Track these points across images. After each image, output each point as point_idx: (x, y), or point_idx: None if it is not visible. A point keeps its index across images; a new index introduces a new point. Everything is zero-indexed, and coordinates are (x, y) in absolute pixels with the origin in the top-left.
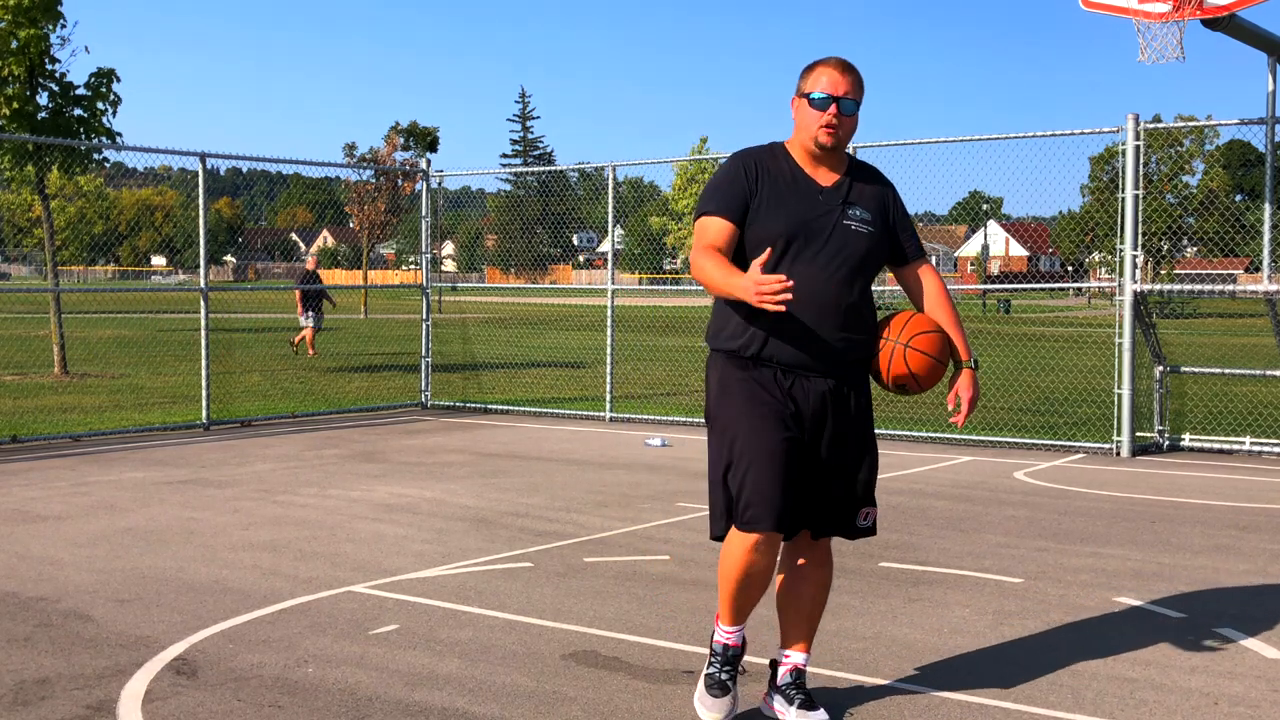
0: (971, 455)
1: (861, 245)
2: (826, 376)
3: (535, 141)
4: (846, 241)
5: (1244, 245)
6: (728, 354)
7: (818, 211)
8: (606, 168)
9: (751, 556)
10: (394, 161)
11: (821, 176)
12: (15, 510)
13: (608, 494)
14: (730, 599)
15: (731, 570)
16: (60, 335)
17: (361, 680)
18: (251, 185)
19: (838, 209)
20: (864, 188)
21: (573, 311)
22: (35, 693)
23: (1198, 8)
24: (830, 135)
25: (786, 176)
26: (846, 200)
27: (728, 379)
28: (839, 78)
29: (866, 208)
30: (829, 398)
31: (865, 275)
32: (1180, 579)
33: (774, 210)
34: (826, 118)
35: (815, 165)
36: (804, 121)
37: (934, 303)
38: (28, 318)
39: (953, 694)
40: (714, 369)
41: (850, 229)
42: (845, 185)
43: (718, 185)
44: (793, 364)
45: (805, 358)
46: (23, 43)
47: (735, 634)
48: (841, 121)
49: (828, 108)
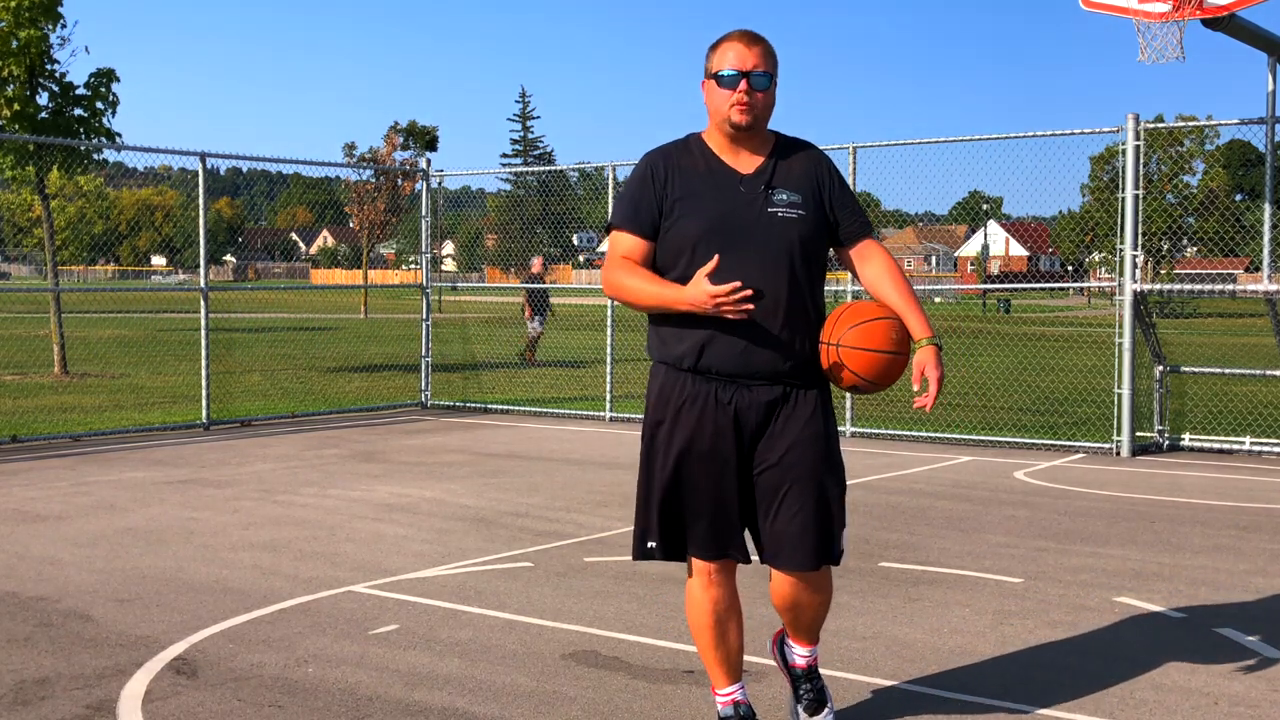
0: (971, 455)
1: (792, 233)
2: (772, 384)
3: (535, 141)
4: (775, 232)
5: (1244, 245)
6: (669, 366)
7: (739, 203)
8: (606, 168)
9: (711, 592)
10: (394, 161)
11: (742, 163)
12: (15, 510)
13: (608, 494)
14: (711, 649)
15: (701, 616)
16: (60, 335)
17: (361, 680)
18: (251, 185)
19: (760, 196)
20: (790, 167)
21: (573, 311)
22: (35, 693)
23: (1198, 8)
24: (744, 112)
25: (700, 170)
26: (769, 185)
27: (666, 397)
28: (746, 51)
29: (794, 189)
30: (777, 407)
31: (805, 266)
32: (1180, 579)
33: (689, 210)
34: (737, 95)
35: (735, 151)
36: (715, 104)
37: (880, 281)
38: (28, 318)
39: (952, 694)
40: (654, 380)
41: (777, 216)
42: (769, 169)
43: (626, 195)
44: (733, 373)
45: (746, 366)
46: (23, 43)
47: (736, 691)
48: (754, 98)
49: (738, 84)
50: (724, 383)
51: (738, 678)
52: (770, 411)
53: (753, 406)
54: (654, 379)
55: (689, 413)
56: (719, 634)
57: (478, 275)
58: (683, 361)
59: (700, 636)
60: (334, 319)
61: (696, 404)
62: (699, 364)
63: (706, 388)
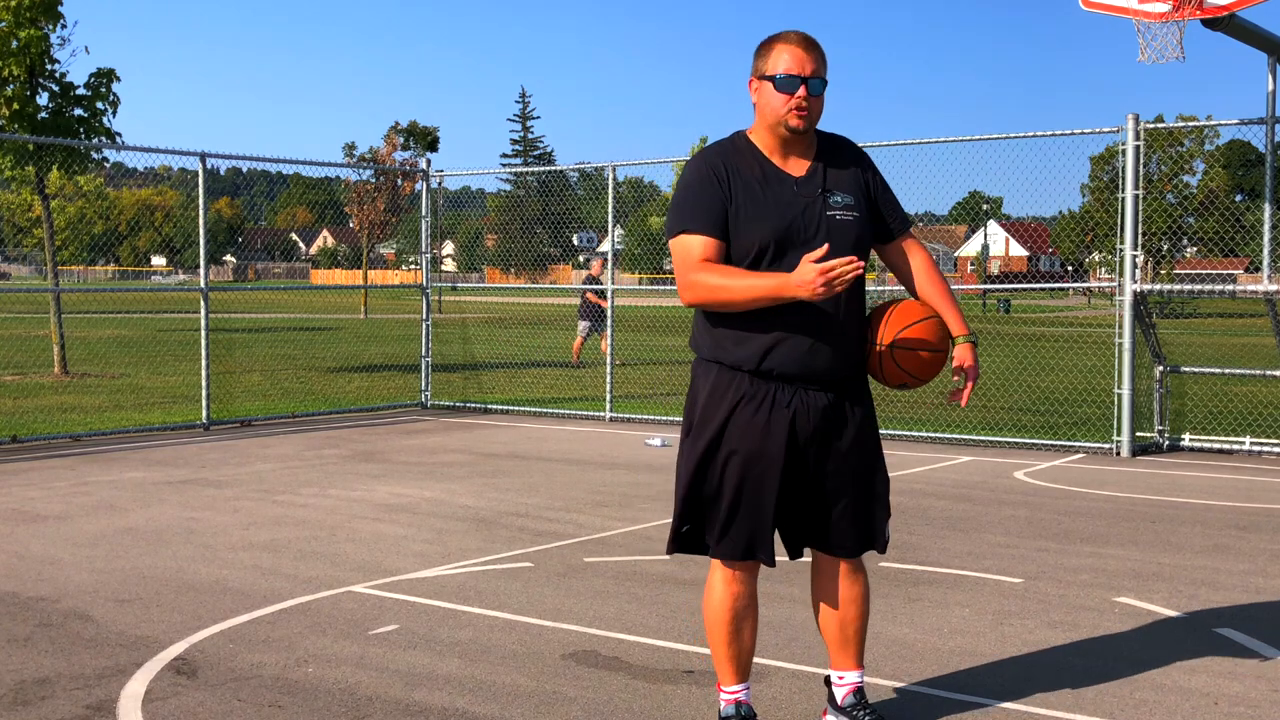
0: (971, 455)
1: (850, 234)
2: (828, 389)
3: (535, 141)
4: (834, 235)
5: (1244, 245)
6: (722, 365)
7: (798, 207)
8: (606, 168)
9: (733, 588)
10: (394, 161)
11: (792, 166)
12: (15, 510)
13: (608, 494)
14: (724, 645)
15: (718, 611)
16: (60, 335)
17: (361, 680)
18: (251, 185)
19: (817, 199)
20: (839, 169)
21: (573, 311)
22: (35, 693)
23: (1198, 8)
24: (801, 118)
25: (757, 174)
26: (824, 188)
27: (719, 395)
28: (804, 55)
29: (846, 191)
30: (831, 412)
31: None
32: (1180, 579)
33: (753, 215)
34: (795, 101)
35: (784, 154)
36: (769, 106)
37: (922, 279)
38: (28, 318)
39: (952, 694)
40: (704, 378)
41: (836, 219)
42: (819, 171)
43: (690, 197)
44: (796, 376)
45: (809, 369)
46: (23, 43)
47: (741, 691)
48: (811, 103)
49: (795, 89)
50: (784, 386)
51: (745, 678)
52: (826, 415)
53: (810, 410)
54: (702, 376)
55: (744, 413)
56: (734, 631)
57: (477, 275)
58: (744, 364)
59: (714, 631)
60: (334, 319)
61: (752, 405)
62: (761, 366)
63: (766, 389)
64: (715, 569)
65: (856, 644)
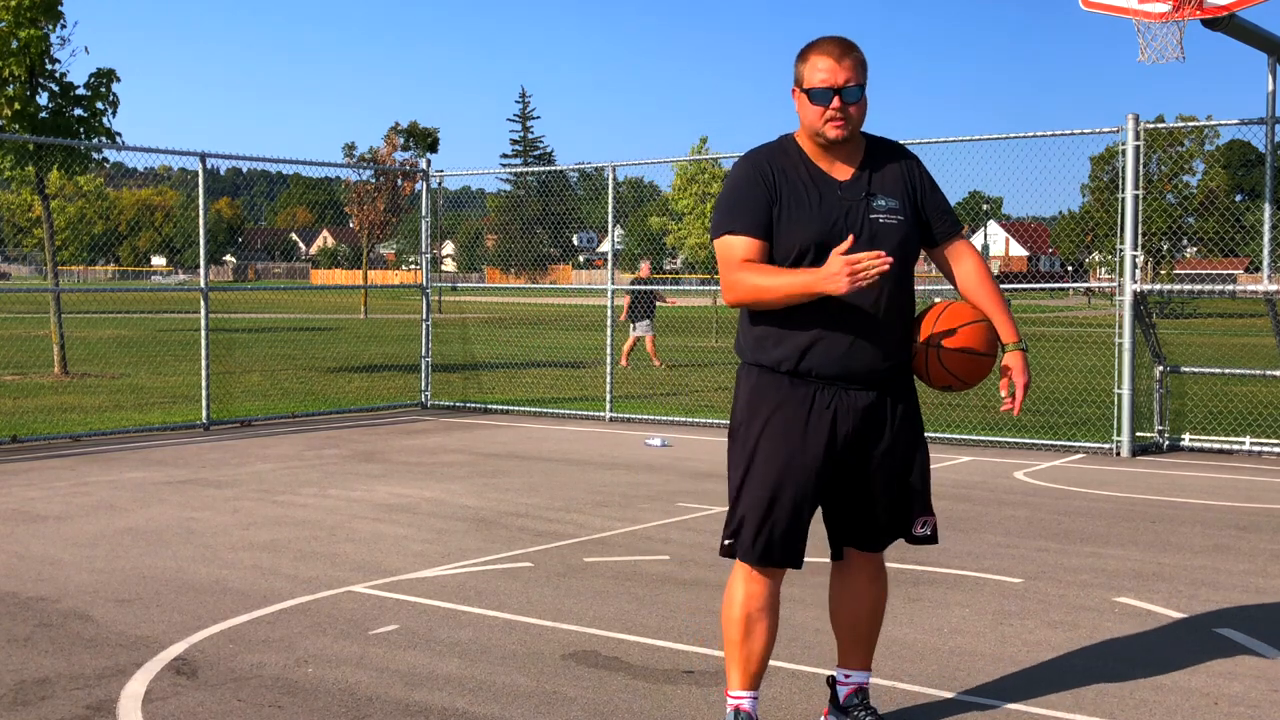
0: (971, 455)
1: (894, 238)
2: (869, 389)
3: (535, 141)
4: (877, 238)
5: (1244, 245)
6: (763, 368)
7: (841, 210)
8: (606, 168)
9: (752, 587)
10: (394, 161)
11: (838, 170)
12: (15, 510)
13: (608, 494)
14: (736, 645)
15: (734, 607)
16: (60, 335)
17: (361, 680)
18: (251, 185)
19: (861, 203)
20: (885, 173)
21: (573, 311)
22: (35, 693)
23: (1198, 8)
24: (840, 128)
25: (804, 176)
26: (869, 192)
27: (759, 398)
28: (836, 66)
29: (891, 194)
30: (872, 412)
31: (904, 271)
32: (1180, 579)
33: (796, 217)
34: (830, 112)
35: (830, 158)
36: (808, 117)
37: (971, 284)
38: (28, 318)
39: (952, 694)
40: (745, 381)
41: (879, 223)
42: (865, 175)
43: (736, 198)
44: (835, 376)
45: (847, 369)
46: (23, 43)
47: (746, 699)
48: (848, 112)
49: (830, 101)
50: (823, 386)
51: (753, 685)
52: (867, 416)
53: (851, 411)
54: (745, 380)
55: (784, 415)
56: (745, 630)
57: (477, 275)
58: (781, 365)
59: (727, 629)
60: (334, 319)
61: (792, 407)
62: (799, 367)
63: (805, 390)
64: (738, 566)
65: (867, 644)
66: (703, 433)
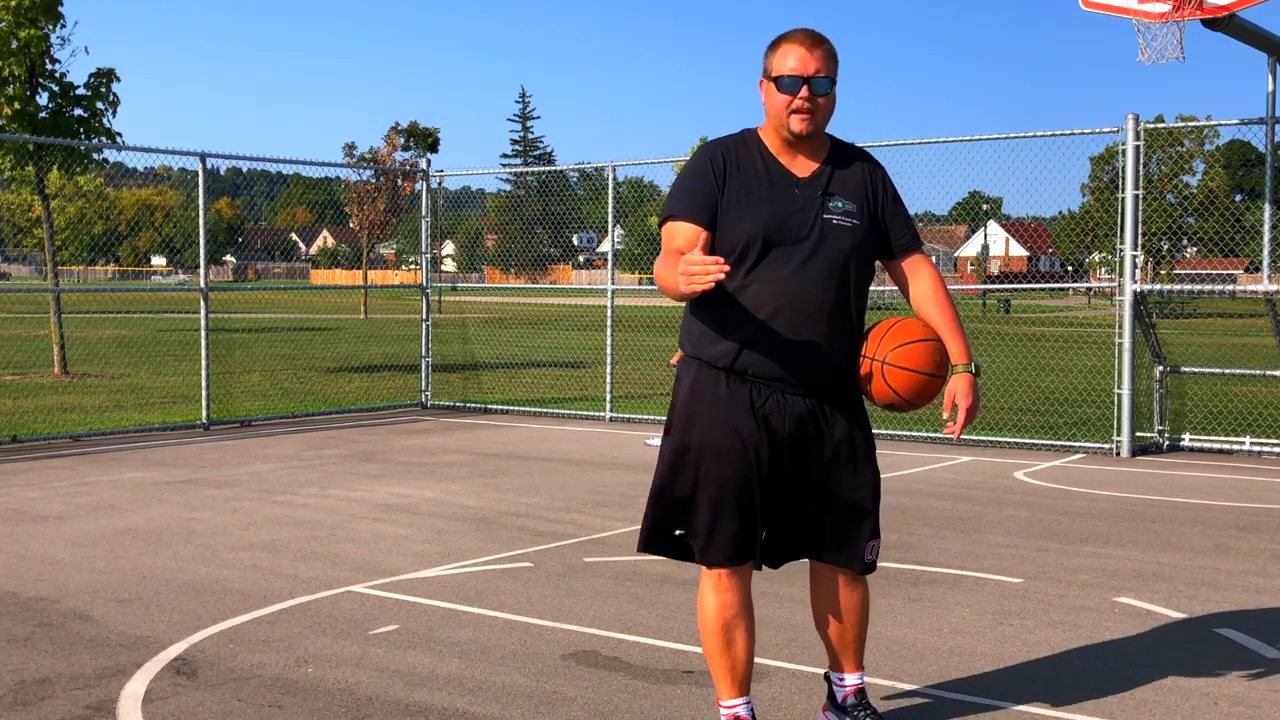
0: (971, 455)
1: (844, 242)
2: (807, 395)
3: (535, 141)
4: (827, 238)
5: (1244, 245)
6: (702, 363)
7: (794, 207)
8: (606, 168)
9: (722, 595)
10: (394, 161)
11: (799, 166)
12: (15, 510)
13: (608, 494)
14: (717, 656)
15: (709, 619)
16: (60, 335)
17: (361, 680)
18: (251, 185)
19: (816, 202)
20: (846, 174)
21: (573, 311)
22: (35, 693)
23: (1198, 8)
24: (805, 121)
25: (759, 168)
26: (826, 191)
27: (697, 394)
28: (807, 55)
29: (849, 197)
30: (809, 419)
31: (852, 275)
32: (1180, 579)
33: (744, 208)
34: (798, 102)
35: (792, 154)
36: (774, 108)
37: (925, 301)
38: (28, 318)
39: (952, 694)
40: (685, 375)
41: (831, 223)
42: (825, 174)
43: (683, 185)
44: (770, 377)
45: (783, 371)
46: (23, 43)
47: (740, 706)
48: (815, 104)
49: (798, 90)
50: (759, 386)
51: (743, 691)
52: (805, 422)
53: (787, 414)
54: (685, 374)
55: (720, 412)
56: (725, 640)
57: (477, 275)
58: (718, 361)
59: (707, 641)
60: (334, 319)
61: (729, 405)
62: (735, 364)
63: (741, 389)
64: (704, 577)
65: (855, 649)
66: None
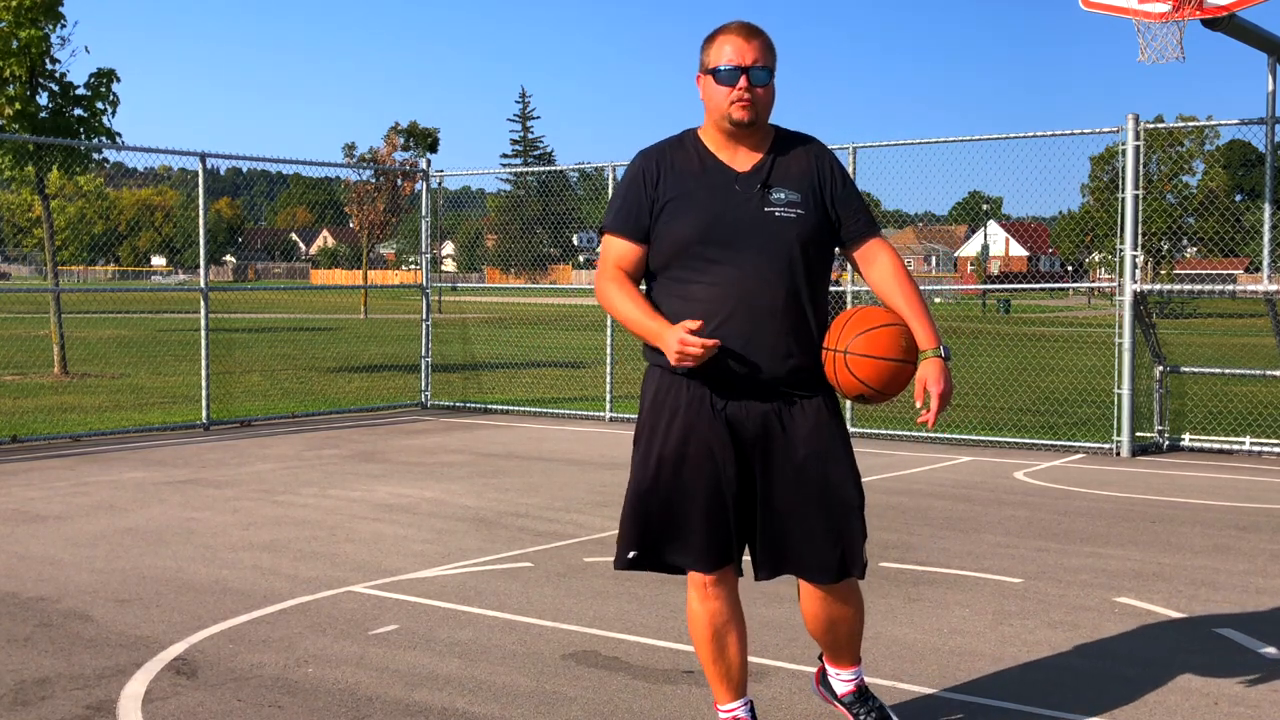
0: (971, 455)
1: (789, 234)
2: (768, 394)
3: (535, 141)
4: (771, 233)
5: (1244, 245)
6: (663, 370)
7: (733, 202)
8: (606, 168)
9: (709, 604)
10: (394, 161)
11: (740, 161)
12: (15, 510)
13: (608, 494)
14: (711, 663)
15: (699, 629)
16: (60, 335)
17: (361, 680)
18: (251, 185)
19: (756, 195)
20: (789, 164)
21: (573, 311)
22: (35, 693)
23: (1198, 8)
24: (745, 109)
25: (695, 168)
26: (766, 183)
27: (660, 401)
28: (744, 45)
29: (792, 187)
30: (775, 418)
31: (805, 269)
32: (1180, 579)
33: (681, 210)
34: (737, 92)
35: (734, 149)
36: (713, 100)
37: (886, 285)
38: (28, 318)
39: (952, 694)
40: (649, 384)
41: (774, 216)
42: (766, 165)
43: (618, 195)
44: (729, 381)
45: (741, 373)
46: (23, 43)
47: (739, 708)
48: (755, 94)
49: (737, 80)
50: (719, 390)
51: (740, 694)
52: (769, 422)
53: (749, 415)
54: (648, 382)
55: (682, 418)
56: (717, 648)
57: (477, 275)
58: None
59: (700, 650)
60: (334, 319)
61: (690, 410)
62: (693, 370)
63: (701, 393)
64: (690, 585)
65: (849, 650)
66: None
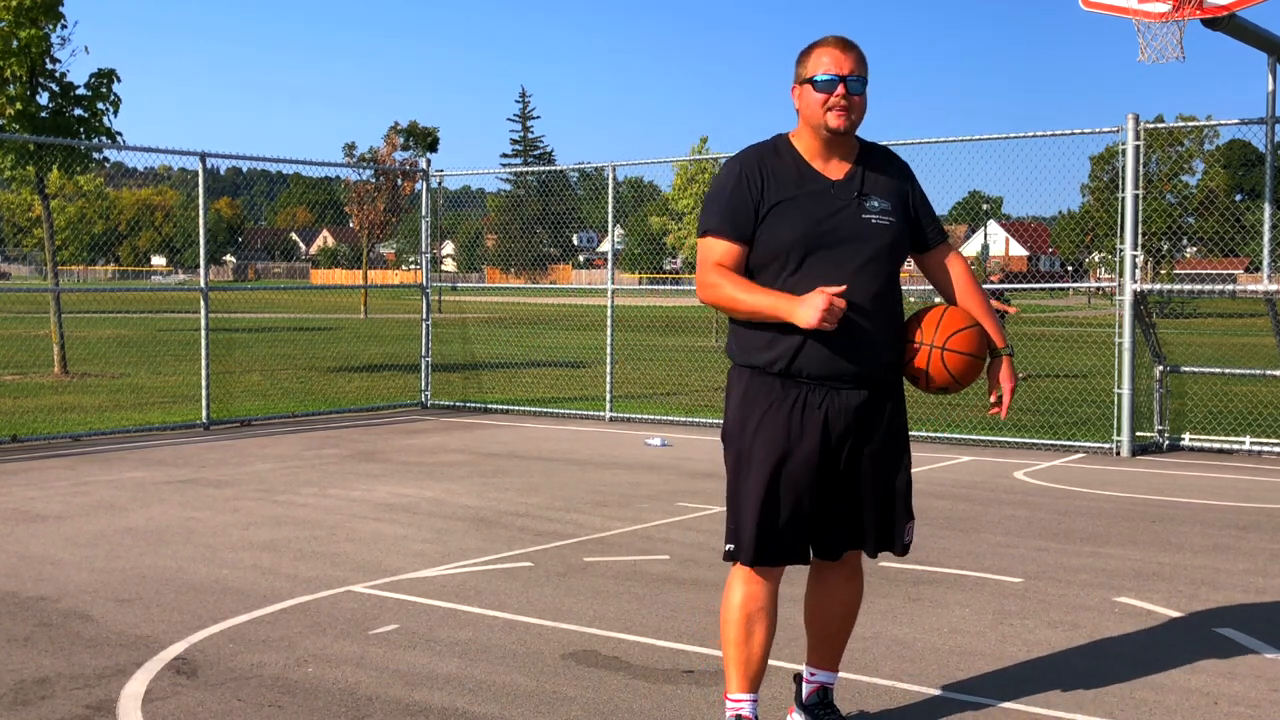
0: (971, 455)
1: (884, 239)
2: (860, 388)
3: (535, 141)
4: (868, 238)
5: (1244, 245)
6: (754, 369)
7: (832, 209)
8: (606, 168)
9: (751, 587)
10: (394, 161)
11: (832, 169)
12: (15, 510)
13: (608, 494)
14: (735, 645)
15: (733, 608)
16: (60, 335)
17: (361, 680)
18: (251, 185)
19: (853, 203)
20: (879, 175)
21: (573, 311)
22: (35, 693)
23: (1198, 8)
24: (842, 117)
25: (793, 175)
26: (861, 192)
27: (751, 400)
28: (842, 56)
29: (884, 197)
30: (863, 412)
31: (893, 272)
32: (1180, 579)
33: (785, 215)
34: (834, 99)
35: (825, 157)
36: (810, 109)
37: (963, 291)
38: (28, 318)
39: (952, 694)
40: (737, 384)
41: (870, 223)
42: (858, 175)
43: (719, 198)
44: (825, 376)
45: (838, 369)
46: (24, 43)
47: (746, 704)
48: (851, 102)
49: (834, 89)
50: (814, 387)
51: (753, 688)
52: (858, 416)
53: (842, 411)
54: (736, 383)
55: (777, 417)
56: (745, 631)
57: (477, 275)
58: (772, 366)
59: (726, 630)
60: (334, 319)
61: (785, 408)
62: (790, 368)
63: (796, 391)
64: (736, 566)
65: (837, 644)
66: (702, 433)
